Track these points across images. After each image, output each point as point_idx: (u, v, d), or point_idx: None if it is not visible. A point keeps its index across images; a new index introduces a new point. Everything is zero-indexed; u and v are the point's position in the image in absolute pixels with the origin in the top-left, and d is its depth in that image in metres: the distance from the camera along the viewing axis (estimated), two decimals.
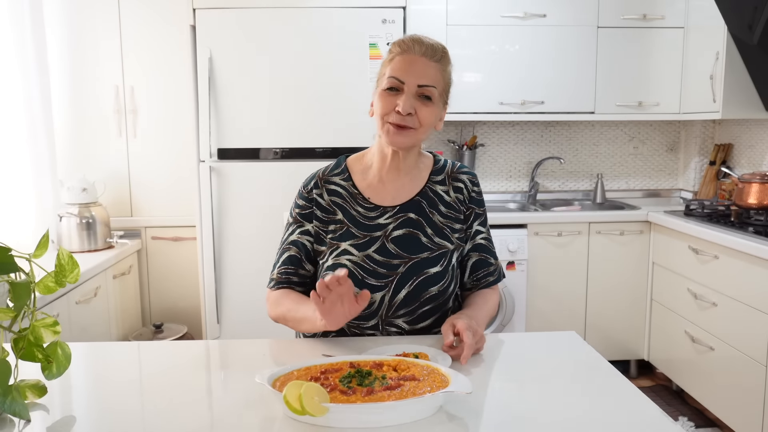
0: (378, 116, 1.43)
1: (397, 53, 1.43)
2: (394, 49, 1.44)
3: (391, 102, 1.40)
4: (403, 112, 1.38)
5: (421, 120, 1.41)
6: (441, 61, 1.45)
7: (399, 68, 1.40)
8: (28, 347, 1.05)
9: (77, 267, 1.11)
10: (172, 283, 3.35)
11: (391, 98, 1.40)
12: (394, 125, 1.40)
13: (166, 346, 1.49)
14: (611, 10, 3.30)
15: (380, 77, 1.45)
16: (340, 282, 1.19)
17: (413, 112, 1.39)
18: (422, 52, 1.41)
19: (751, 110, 3.02)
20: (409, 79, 1.39)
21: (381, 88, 1.42)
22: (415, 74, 1.39)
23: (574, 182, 3.80)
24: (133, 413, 1.07)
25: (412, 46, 1.42)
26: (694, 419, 2.87)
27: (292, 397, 0.95)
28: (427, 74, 1.41)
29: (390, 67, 1.42)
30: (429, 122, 1.42)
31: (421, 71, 1.40)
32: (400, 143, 1.42)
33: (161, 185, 3.29)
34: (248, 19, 2.83)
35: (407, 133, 1.41)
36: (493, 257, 1.56)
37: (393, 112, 1.39)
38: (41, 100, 2.80)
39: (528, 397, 1.12)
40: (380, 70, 1.47)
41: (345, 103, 2.90)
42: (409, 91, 1.39)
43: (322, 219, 1.49)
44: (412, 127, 1.40)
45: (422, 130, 1.43)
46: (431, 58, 1.42)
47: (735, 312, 2.54)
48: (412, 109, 1.39)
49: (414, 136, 1.42)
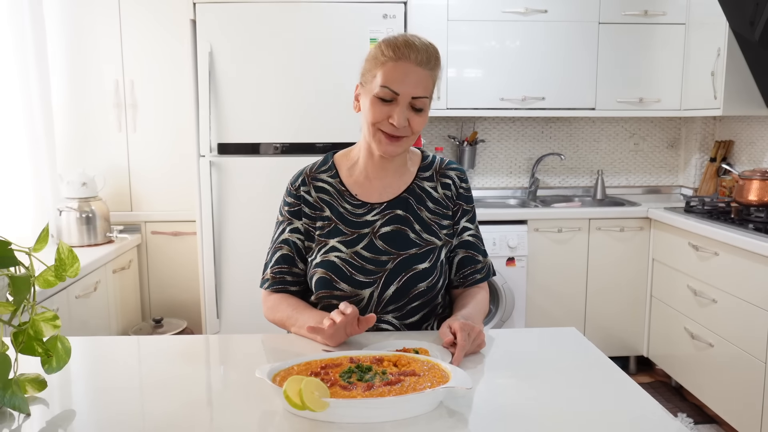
0: (368, 123, 1.40)
1: (390, 59, 1.36)
2: (386, 53, 1.37)
3: (384, 112, 1.37)
4: (399, 126, 1.36)
5: (413, 129, 1.39)
6: (434, 68, 1.40)
7: (393, 79, 1.35)
8: (28, 341, 1.05)
9: (77, 261, 1.11)
10: (171, 277, 3.35)
11: (384, 108, 1.37)
12: (387, 136, 1.38)
13: (166, 341, 1.49)
14: (612, 5, 3.30)
15: (367, 75, 1.41)
16: (344, 314, 1.25)
17: (407, 124, 1.38)
18: (417, 61, 1.36)
19: (752, 107, 3.02)
20: (404, 90, 1.35)
21: (372, 94, 1.38)
22: (410, 86, 1.36)
23: (575, 178, 3.79)
24: (132, 408, 1.07)
25: (406, 54, 1.36)
26: (693, 416, 2.88)
27: (293, 392, 0.95)
28: (421, 85, 1.37)
29: (383, 75, 1.36)
30: (420, 129, 1.41)
31: (416, 82, 1.36)
32: (393, 153, 1.41)
33: (161, 180, 3.29)
34: (249, 14, 2.82)
35: (400, 143, 1.40)
36: (481, 254, 1.54)
37: (386, 123, 1.37)
38: (41, 94, 2.79)
39: (528, 392, 1.12)
40: (367, 66, 1.41)
41: (345, 98, 2.89)
42: (403, 103, 1.36)
43: (310, 216, 1.49)
44: (404, 136, 1.40)
45: (414, 137, 1.42)
46: (425, 66, 1.37)
47: (734, 309, 2.54)
48: (406, 121, 1.37)
49: (406, 144, 1.42)
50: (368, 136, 1.42)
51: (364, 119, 1.41)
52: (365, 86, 1.42)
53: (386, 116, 1.37)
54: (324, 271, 1.44)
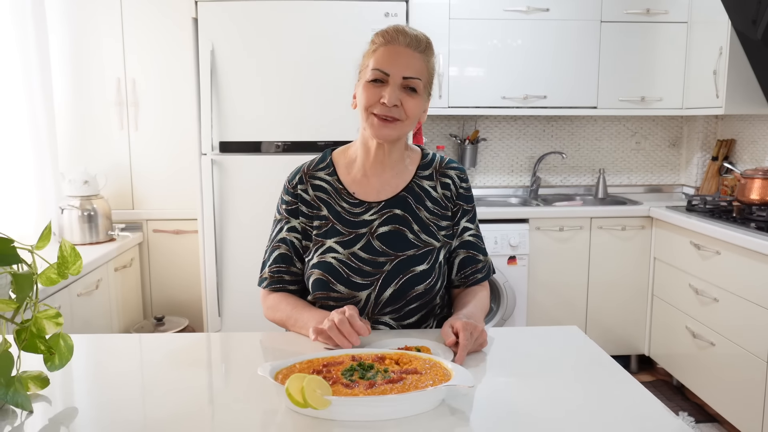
0: (362, 108, 1.40)
1: (380, 44, 1.39)
2: (377, 40, 1.40)
3: (375, 94, 1.37)
4: (389, 104, 1.35)
5: (407, 112, 1.38)
6: (425, 52, 1.40)
7: (383, 60, 1.37)
8: (30, 339, 1.05)
9: (80, 259, 1.11)
10: (173, 275, 3.35)
11: (376, 90, 1.37)
12: (380, 118, 1.37)
13: (168, 339, 1.50)
14: (614, 4, 3.29)
15: (363, 68, 1.42)
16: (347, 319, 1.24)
17: (399, 104, 1.37)
18: (406, 42, 1.38)
19: (754, 106, 3.02)
20: (394, 70, 1.36)
21: (365, 80, 1.39)
22: (400, 66, 1.36)
23: (576, 177, 3.79)
24: (134, 405, 1.07)
25: (396, 37, 1.38)
26: (695, 414, 2.88)
27: (295, 390, 0.95)
28: (412, 66, 1.37)
29: (374, 59, 1.38)
30: (415, 114, 1.40)
31: (406, 63, 1.37)
32: (386, 136, 1.40)
33: (163, 178, 3.29)
34: (250, 12, 2.82)
35: (393, 126, 1.39)
36: (481, 254, 1.53)
37: (378, 104, 1.37)
38: (43, 92, 2.79)
39: (529, 391, 1.12)
40: (363, 61, 1.43)
41: (347, 96, 2.88)
42: (394, 83, 1.36)
43: (307, 214, 1.47)
44: (398, 119, 1.38)
45: (408, 122, 1.40)
46: (416, 49, 1.38)
47: (736, 308, 2.53)
48: (397, 100, 1.36)
49: (400, 128, 1.40)
50: (363, 122, 1.41)
51: (360, 107, 1.41)
52: (360, 80, 1.43)
53: (378, 98, 1.37)
54: (321, 273, 1.42)
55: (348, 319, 1.23)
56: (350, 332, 1.23)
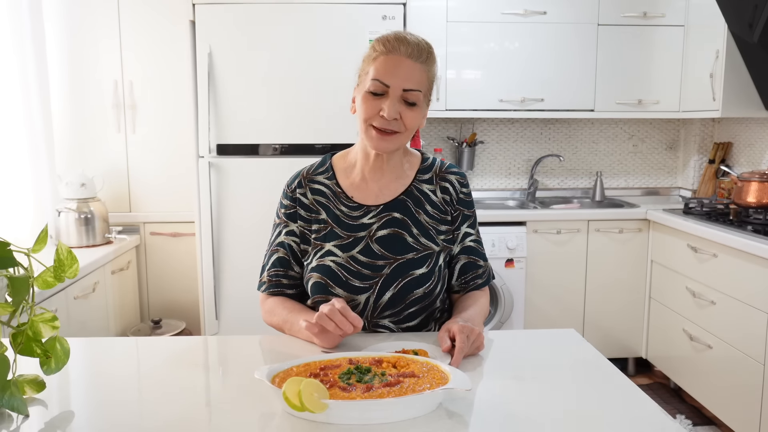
0: (361, 119, 1.39)
1: (381, 53, 1.37)
2: (377, 48, 1.38)
3: (375, 106, 1.35)
4: (389, 117, 1.34)
5: (406, 124, 1.37)
6: (426, 62, 1.38)
7: (383, 71, 1.35)
8: (26, 342, 1.05)
9: (76, 262, 1.11)
10: (170, 278, 3.35)
11: (375, 102, 1.35)
12: (379, 131, 1.36)
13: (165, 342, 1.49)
14: (612, 7, 3.30)
15: (362, 74, 1.41)
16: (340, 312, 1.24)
17: (398, 117, 1.35)
18: (408, 53, 1.36)
19: (750, 109, 3.03)
20: (394, 82, 1.34)
21: (364, 90, 1.37)
22: (401, 78, 1.34)
23: (574, 180, 3.80)
24: (131, 408, 1.07)
25: (397, 47, 1.35)
26: (692, 417, 2.88)
27: (292, 393, 0.95)
28: (412, 78, 1.35)
29: (374, 69, 1.36)
30: (414, 125, 1.39)
31: (407, 74, 1.35)
32: (384, 148, 1.39)
33: (160, 181, 3.29)
34: (248, 15, 2.82)
35: (392, 139, 1.38)
36: (482, 259, 1.53)
37: (377, 116, 1.35)
38: (40, 94, 2.79)
39: (527, 394, 1.12)
40: (362, 66, 1.42)
41: (344, 99, 2.88)
42: (394, 95, 1.35)
43: (306, 218, 1.47)
44: (397, 131, 1.37)
45: (407, 133, 1.39)
46: (417, 59, 1.36)
47: (733, 310, 2.54)
48: (397, 114, 1.35)
49: (399, 141, 1.39)
50: (362, 133, 1.40)
51: (359, 118, 1.40)
52: (360, 86, 1.41)
53: (377, 111, 1.35)
54: (319, 276, 1.42)
55: (340, 311, 1.24)
56: (342, 321, 1.23)
